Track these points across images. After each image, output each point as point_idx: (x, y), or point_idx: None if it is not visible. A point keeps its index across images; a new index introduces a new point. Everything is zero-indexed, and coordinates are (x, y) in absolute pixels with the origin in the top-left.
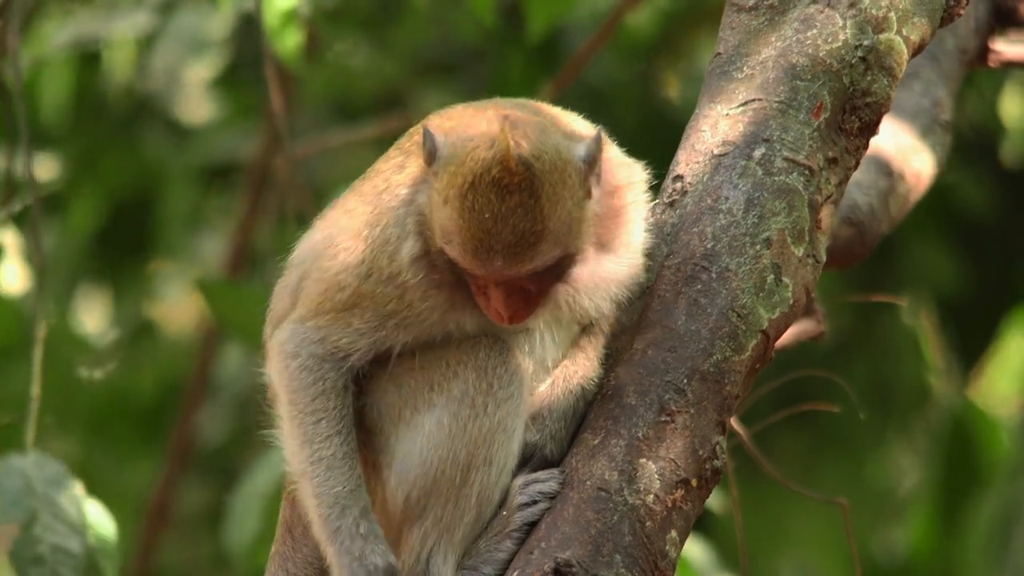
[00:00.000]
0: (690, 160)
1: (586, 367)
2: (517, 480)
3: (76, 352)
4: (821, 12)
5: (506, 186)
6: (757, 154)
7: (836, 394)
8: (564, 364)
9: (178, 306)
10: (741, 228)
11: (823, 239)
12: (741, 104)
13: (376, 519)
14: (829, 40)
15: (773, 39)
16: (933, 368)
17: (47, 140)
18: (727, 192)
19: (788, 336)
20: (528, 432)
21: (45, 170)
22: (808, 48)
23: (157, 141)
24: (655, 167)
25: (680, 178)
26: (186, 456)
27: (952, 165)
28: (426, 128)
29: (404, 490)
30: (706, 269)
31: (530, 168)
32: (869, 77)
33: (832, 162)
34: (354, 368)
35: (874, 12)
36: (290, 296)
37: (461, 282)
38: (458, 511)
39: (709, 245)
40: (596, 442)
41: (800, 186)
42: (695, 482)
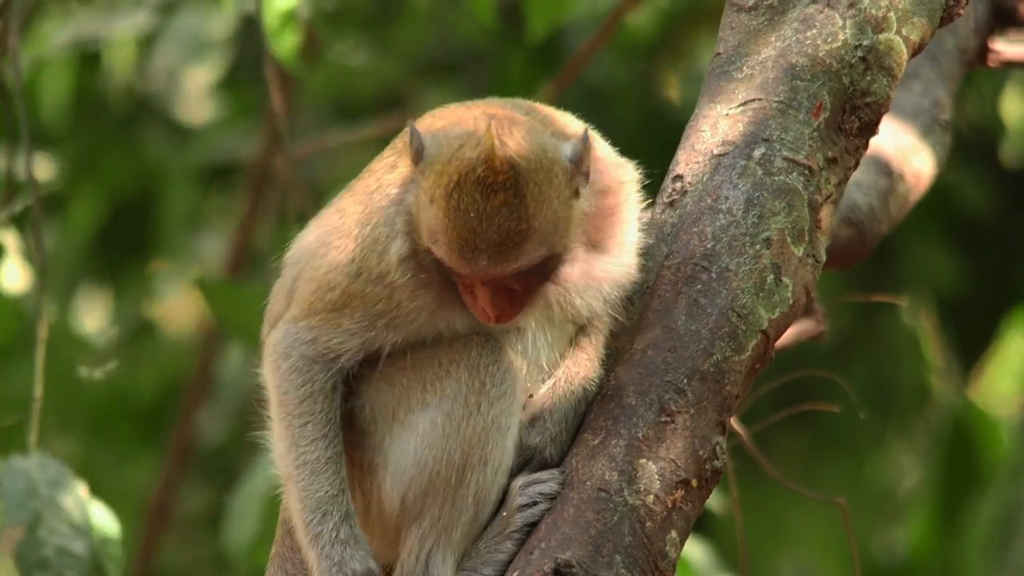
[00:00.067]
0: (690, 160)
1: (587, 367)
2: (517, 481)
3: (77, 352)
4: (821, 12)
5: (491, 185)
6: (757, 154)
7: (836, 394)
8: (565, 364)
9: (178, 306)
10: (741, 228)
11: (823, 239)
12: (741, 104)
13: (359, 524)
14: (829, 40)
15: (773, 39)
16: (933, 368)
17: (47, 140)
18: (727, 192)
19: (788, 336)
20: (528, 435)
21: (45, 170)
22: (808, 48)
23: (157, 141)
24: (655, 167)
25: (680, 178)
26: (186, 456)
27: (952, 165)
28: (413, 127)
29: (400, 491)
30: (706, 269)
31: (515, 167)
32: (869, 77)
33: (832, 162)
34: (344, 369)
35: (874, 12)
36: (285, 296)
37: (449, 282)
38: (455, 511)
39: (709, 245)
40: (596, 442)
41: (800, 186)
42: (695, 482)
